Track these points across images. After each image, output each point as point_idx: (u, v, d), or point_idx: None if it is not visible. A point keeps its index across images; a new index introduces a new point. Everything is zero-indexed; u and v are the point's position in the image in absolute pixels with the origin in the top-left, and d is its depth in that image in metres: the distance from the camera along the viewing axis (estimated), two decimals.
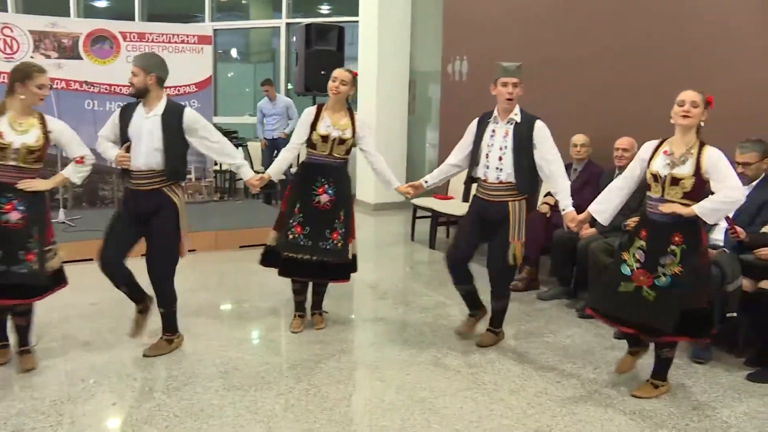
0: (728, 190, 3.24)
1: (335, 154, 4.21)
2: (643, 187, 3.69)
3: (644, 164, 3.51)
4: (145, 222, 3.84)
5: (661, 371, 3.61)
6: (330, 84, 4.18)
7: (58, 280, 3.76)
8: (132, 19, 10.79)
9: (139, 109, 3.88)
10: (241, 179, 9.55)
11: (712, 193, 3.30)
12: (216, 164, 8.58)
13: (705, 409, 3.45)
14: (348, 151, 4.26)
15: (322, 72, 6.68)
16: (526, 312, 4.95)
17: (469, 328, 4.39)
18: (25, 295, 3.60)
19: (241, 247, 6.57)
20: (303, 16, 10.79)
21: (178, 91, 7.93)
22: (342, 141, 4.18)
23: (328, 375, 3.74)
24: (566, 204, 3.92)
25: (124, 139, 3.86)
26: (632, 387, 3.67)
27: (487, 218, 4.04)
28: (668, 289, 3.37)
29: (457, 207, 6.66)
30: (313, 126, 4.19)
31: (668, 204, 3.33)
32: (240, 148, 9.62)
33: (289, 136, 8.98)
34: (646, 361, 3.73)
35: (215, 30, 10.58)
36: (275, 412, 3.29)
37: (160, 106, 3.87)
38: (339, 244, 4.20)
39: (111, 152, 3.91)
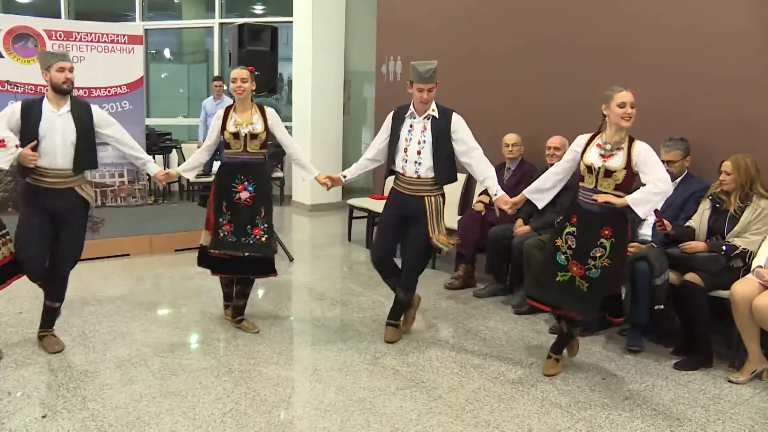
0: (657, 182, 3.45)
1: (250, 150, 4.23)
2: (575, 184, 3.81)
3: (577, 156, 3.70)
4: (55, 217, 3.90)
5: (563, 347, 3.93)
6: (231, 86, 4.24)
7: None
8: (58, 16, 10.44)
9: (47, 107, 3.88)
10: (176, 182, 9.47)
11: (643, 185, 3.50)
12: None
13: (636, 398, 3.57)
14: (263, 146, 4.26)
15: (256, 73, 6.59)
16: (463, 309, 5.01)
17: (411, 322, 4.46)
18: None
19: (176, 250, 6.46)
20: (237, 16, 10.66)
21: (109, 92, 7.72)
22: (254, 136, 4.22)
23: (266, 378, 3.71)
24: (496, 188, 4.04)
25: (30, 137, 3.81)
26: (568, 383, 3.77)
27: (404, 212, 4.14)
28: (598, 281, 3.61)
29: (377, 205, 6.69)
30: (224, 126, 4.24)
31: (602, 194, 3.53)
32: (174, 151, 9.46)
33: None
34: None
35: (146, 30, 10.37)
36: (214, 418, 3.24)
37: (68, 103, 3.93)
38: (263, 239, 4.24)
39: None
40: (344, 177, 4.38)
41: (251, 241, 4.21)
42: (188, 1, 11.80)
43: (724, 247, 3.95)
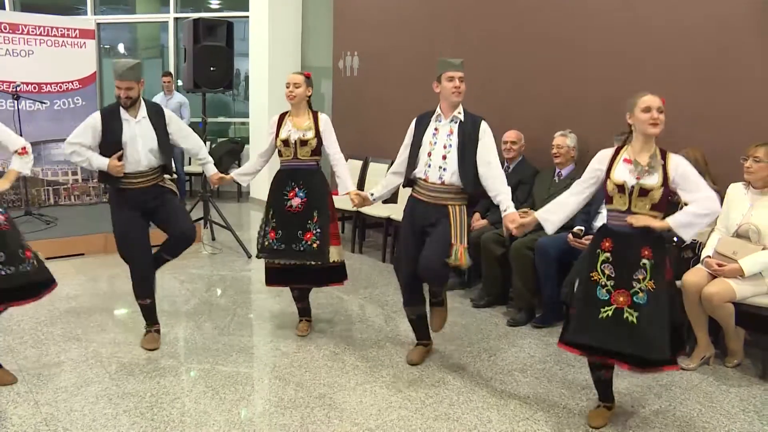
0: (705, 201, 2.99)
1: (300, 157, 4.15)
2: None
3: (601, 174, 3.21)
4: (147, 212, 4.07)
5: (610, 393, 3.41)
6: (285, 92, 4.18)
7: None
8: (2, 8, 10.16)
9: (124, 115, 3.97)
10: None
11: (684, 204, 3.08)
12: None
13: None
14: (314, 153, 4.17)
15: (212, 68, 6.54)
16: None
17: (420, 357, 4.04)
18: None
19: None
20: (192, 10, 10.52)
21: (60, 87, 7.56)
22: (304, 142, 4.13)
23: (225, 376, 3.69)
24: (507, 204, 3.66)
25: (113, 146, 3.92)
26: (527, 375, 3.83)
27: (424, 223, 3.75)
28: (648, 307, 3.02)
29: (345, 203, 6.67)
30: (278, 134, 4.20)
31: (638, 216, 3.05)
32: None
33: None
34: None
35: (99, 24, 10.17)
36: (172, 418, 3.21)
37: (143, 108, 4.03)
38: (314, 245, 4.07)
39: (99, 160, 3.96)
40: (372, 195, 4.09)
41: (302, 248, 4.07)
42: None
43: (675, 238, 4.03)
